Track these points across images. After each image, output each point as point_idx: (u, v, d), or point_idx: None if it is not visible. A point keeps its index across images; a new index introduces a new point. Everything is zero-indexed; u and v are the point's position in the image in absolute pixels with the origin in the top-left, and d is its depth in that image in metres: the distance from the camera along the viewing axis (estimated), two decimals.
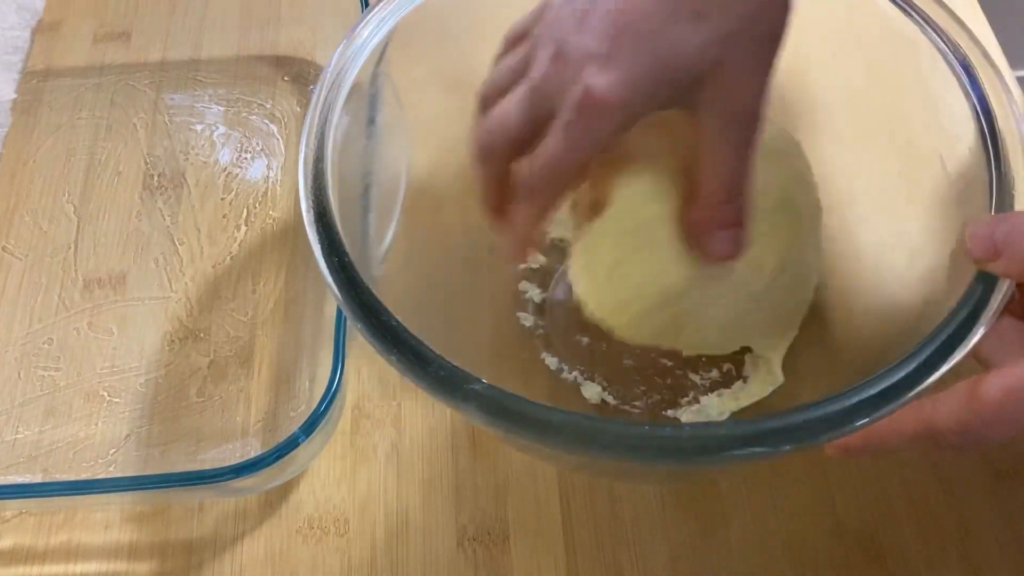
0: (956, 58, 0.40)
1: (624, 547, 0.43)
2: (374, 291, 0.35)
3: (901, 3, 0.41)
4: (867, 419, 0.31)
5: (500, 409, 0.32)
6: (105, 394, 0.48)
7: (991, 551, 0.42)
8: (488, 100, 0.37)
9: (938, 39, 0.40)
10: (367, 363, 0.49)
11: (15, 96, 0.60)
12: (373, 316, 0.34)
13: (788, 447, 0.31)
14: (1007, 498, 0.44)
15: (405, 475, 0.45)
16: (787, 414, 0.31)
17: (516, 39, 0.38)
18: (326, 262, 0.35)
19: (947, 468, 0.44)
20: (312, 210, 0.37)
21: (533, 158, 0.35)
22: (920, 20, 0.41)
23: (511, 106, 0.36)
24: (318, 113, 0.39)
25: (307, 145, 0.38)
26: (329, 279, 0.35)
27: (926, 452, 0.39)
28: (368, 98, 0.43)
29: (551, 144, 0.34)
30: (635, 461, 0.32)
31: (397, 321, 0.34)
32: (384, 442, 0.46)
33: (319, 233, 0.36)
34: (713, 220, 0.36)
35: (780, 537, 0.43)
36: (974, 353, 0.32)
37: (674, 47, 0.33)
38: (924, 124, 0.42)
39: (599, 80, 0.33)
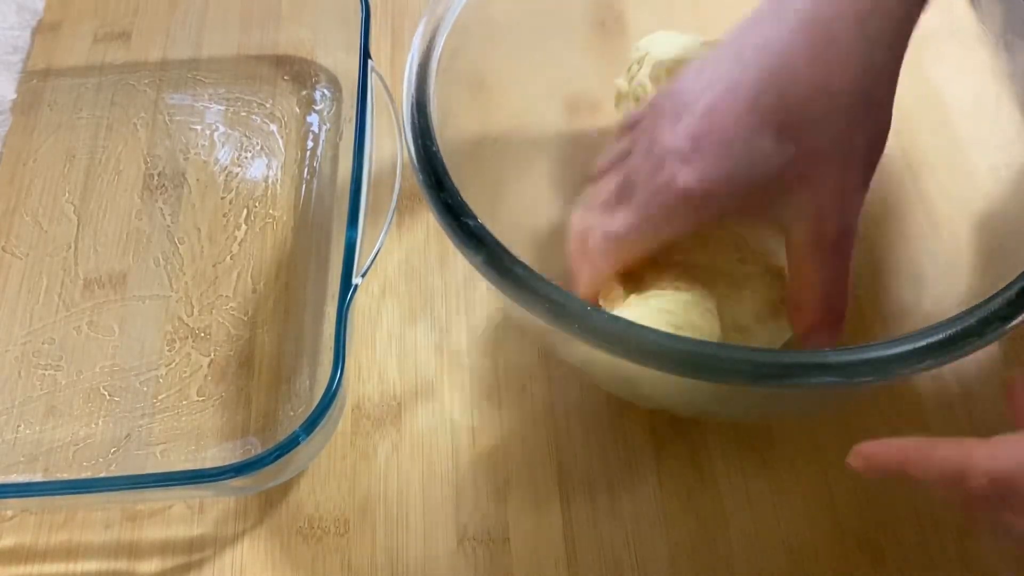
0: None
1: (624, 547, 0.43)
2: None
3: None
4: (935, 361, 0.31)
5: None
6: (105, 393, 0.48)
7: (991, 551, 0.42)
8: (596, 176, 0.41)
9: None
10: (367, 363, 0.49)
11: (15, 96, 0.60)
12: (445, 191, 0.37)
13: (866, 378, 0.31)
14: None
15: (405, 475, 0.45)
16: (860, 348, 0.31)
17: (630, 125, 0.41)
18: (414, 144, 0.39)
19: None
20: (413, 95, 0.40)
21: (605, 225, 0.38)
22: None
23: (604, 187, 0.39)
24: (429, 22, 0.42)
25: (422, 37, 0.42)
26: (416, 161, 0.38)
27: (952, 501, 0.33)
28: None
29: (621, 218, 0.37)
30: (691, 376, 0.32)
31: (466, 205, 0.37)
32: (384, 442, 0.46)
33: (412, 111, 0.40)
34: (812, 327, 0.38)
35: (780, 537, 0.43)
36: None
37: (755, 157, 0.35)
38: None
39: (675, 173, 0.35)
